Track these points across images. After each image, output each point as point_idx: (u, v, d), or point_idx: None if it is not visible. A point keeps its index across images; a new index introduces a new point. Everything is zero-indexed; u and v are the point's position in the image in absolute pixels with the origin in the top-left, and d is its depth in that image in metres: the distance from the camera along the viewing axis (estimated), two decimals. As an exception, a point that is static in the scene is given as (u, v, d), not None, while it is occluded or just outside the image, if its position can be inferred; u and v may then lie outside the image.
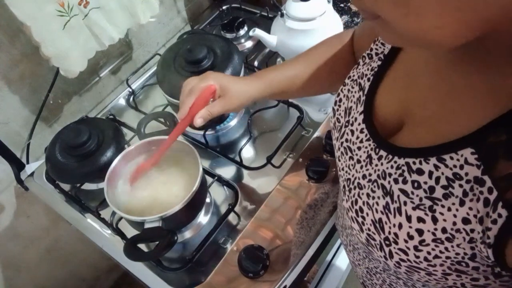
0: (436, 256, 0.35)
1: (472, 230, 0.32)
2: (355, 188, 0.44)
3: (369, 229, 0.41)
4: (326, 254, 1.14)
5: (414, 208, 0.36)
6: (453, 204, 0.32)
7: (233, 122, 0.92)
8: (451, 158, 0.32)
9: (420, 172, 0.35)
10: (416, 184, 0.35)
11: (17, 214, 1.00)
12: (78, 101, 1.00)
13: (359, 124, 0.45)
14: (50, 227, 1.10)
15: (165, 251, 0.62)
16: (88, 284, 1.39)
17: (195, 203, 0.67)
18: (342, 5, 1.19)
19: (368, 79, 0.45)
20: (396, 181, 0.37)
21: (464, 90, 0.34)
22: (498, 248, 0.30)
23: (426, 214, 0.35)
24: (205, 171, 0.81)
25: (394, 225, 0.37)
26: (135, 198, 0.68)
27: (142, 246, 0.67)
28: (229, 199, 0.79)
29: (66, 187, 0.88)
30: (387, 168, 0.39)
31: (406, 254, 0.37)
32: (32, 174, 0.91)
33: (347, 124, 0.47)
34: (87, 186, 0.85)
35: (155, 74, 0.92)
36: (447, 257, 0.34)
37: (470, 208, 0.31)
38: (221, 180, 0.81)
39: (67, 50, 0.80)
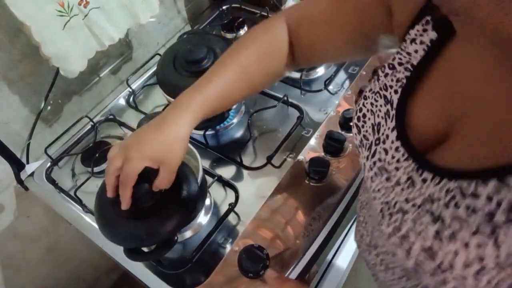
0: (497, 284, 0.32)
1: None
2: (397, 212, 0.40)
3: (417, 257, 0.37)
4: (326, 254, 1.14)
5: (473, 233, 0.32)
6: None
7: (233, 122, 0.92)
8: None
9: (475, 196, 0.31)
10: (471, 209, 0.32)
11: (17, 214, 1.00)
12: (78, 101, 1.00)
13: (392, 142, 0.41)
14: (50, 227, 1.10)
15: (165, 251, 0.62)
16: (88, 284, 1.39)
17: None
18: (342, 5, 1.19)
19: (396, 91, 0.41)
20: (446, 205, 0.34)
21: None
22: None
23: (486, 240, 0.31)
24: (205, 171, 0.81)
25: (449, 252, 0.34)
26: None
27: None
28: (229, 199, 0.79)
29: (66, 187, 0.88)
30: (435, 192, 0.35)
31: (465, 279, 0.33)
32: (32, 174, 0.91)
33: (377, 142, 0.43)
34: (87, 186, 0.85)
35: (155, 74, 0.92)
36: (510, 285, 0.31)
37: None
38: (221, 180, 0.81)
39: (67, 50, 0.80)
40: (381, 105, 0.43)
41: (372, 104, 0.44)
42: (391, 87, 0.42)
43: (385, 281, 0.54)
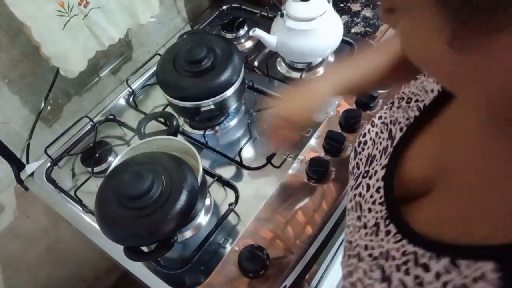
0: None
1: None
2: (354, 257, 0.39)
3: None
4: (326, 254, 1.14)
5: None
6: None
7: (233, 122, 0.92)
8: (468, 266, 0.26)
9: (426, 268, 0.29)
10: (418, 280, 0.30)
11: (17, 214, 1.00)
12: (78, 101, 1.00)
13: (377, 180, 0.39)
14: (50, 227, 1.10)
15: (165, 251, 0.62)
16: (88, 284, 1.39)
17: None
18: (342, 5, 1.19)
19: (401, 129, 0.40)
20: (398, 268, 0.32)
21: (506, 171, 0.27)
22: None
23: None
24: (205, 171, 0.81)
25: None
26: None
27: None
28: (229, 199, 0.79)
29: (66, 187, 0.88)
30: (392, 249, 0.33)
31: None
32: (32, 174, 0.91)
33: (365, 174, 0.42)
34: (87, 186, 0.85)
35: (155, 74, 0.92)
36: None
37: None
38: (221, 180, 0.81)
39: (67, 50, 0.80)
40: (383, 139, 0.42)
41: (377, 134, 0.44)
42: (399, 123, 0.41)
43: None
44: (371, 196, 0.39)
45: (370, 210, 0.39)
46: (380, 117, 0.45)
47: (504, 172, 0.27)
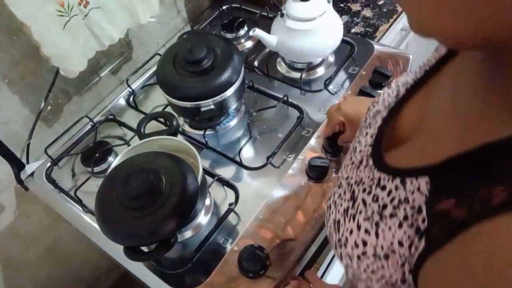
0: (373, 271, 0.36)
1: (404, 254, 0.32)
2: (336, 186, 0.46)
3: (330, 227, 0.43)
4: (326, 254, 1.14)
5: (365, 219, 0.37)
6: (394, 224, 0.33)
7: (233, 122, 0.92)
8: (411, 182, 0.32)
9: (383, 188, 0.36)
10: (375, 198, 0.36)
11: (17, 214, 1.00)
12: (78, 101, 1.00)
13: (375, 128, 0.45)
14: (50, 227, 1.10)
15: (165, 251, 0.62)
16: (88, 284, 1.39)
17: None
18: (342, 5, 1.19)
19: (406, 89, 0.45)
20: (364, 190, 0.39)
21: (464, 111, 0.32)
22: (415, 276, 0.31)
23: (372, 227, 0.36)
24: (205, 171, 0.81)
25: (347, 229, 0.39)
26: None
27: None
28: (229, 199, 0.79)
29: (66, 187, 0.88)
30: (365, 177, 0.40)
31: (351, 260, 0.38)
32: (32, 174, 0.91)
33: (368, 125, 0.47)
34: (87, 186, 0.85)
35: (155, 74, 0.92)
36: (382, 276, 0.35)
37: (405, 233, 0.32)
38: (221, 180, 0.81)
39: (67, 50, 0.80)
40: (392, 97, 0.47)
41: (389, 94, 0.48)
42: (407, 83, 0.46)
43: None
44: (366, 141, 0.45)
45: (360, 151, 0.45)
46: (396, 82, 0.50)
47: (460, 113, 0.33)
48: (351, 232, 0.38)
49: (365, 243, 0.36)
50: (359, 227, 0.37)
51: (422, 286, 0.31)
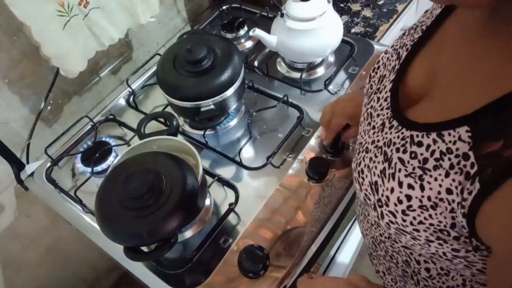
0: (420, 222, 0.38)
1: (453, 201, 0.34)
2: (362, 151, 0.47)
3: (366, 190, 0.44)
4: (326, 254, 1.14)
5: (406, 176, 0.39)
6: (440, 175, 0.35)
7: (233, 122, 0.92)
8: (449, 134, 0.34)
9: (420, 144, 0.38)
10: (413, 155, 0.38)
11: (17, 214, 1.00)
12: (78, 101, 1.00)
13: (386, 92, 0.46)
14: (50, 227, 1.10)
15: (165, 251, 0.62)
16: (88, 284, 1.39)
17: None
18: (342, 5, 1.19)
19: (407, 49, 0.46)
20: (398, 150, 0.40)
21: (482, 64, 0.35)
22: (471, 219, 0.33)
23: (416, 182, 0.38)
24: (205, 171, 0.81)
25: (387, 189, 0.41)
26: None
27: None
28: (229, 199, 0.79)
29: (66, 187, 0.88)
30: (394, 137, 0.42)
31: (395, 216, 0.40)
32: (32, 174, 0.91)
33: (377, 91, 0.49)
34: (87, 186, 0.85)
35: (155, 74, 0.92)
36: (431, 224, 0.37)
37: (454, 180, 0.34)
38: (221, 180, 0.81)
39: (67, 50, 0.80)
40: (393, 60, 0.49)
41: (388, 58, 0.50)
42: (406, 45, 0.48)
43: (364, 233, 0.61)
44: (380, 105, 0.47)
45: (378, 115, 0.46)
46: (392, 46, 0.51)
47: (478, 66, 0.35)
48: (392, 190, 0.40)
49: (409, 198, 0.38)
50: (400, 184, 0.39)
51: (483, 227, 0.33)
